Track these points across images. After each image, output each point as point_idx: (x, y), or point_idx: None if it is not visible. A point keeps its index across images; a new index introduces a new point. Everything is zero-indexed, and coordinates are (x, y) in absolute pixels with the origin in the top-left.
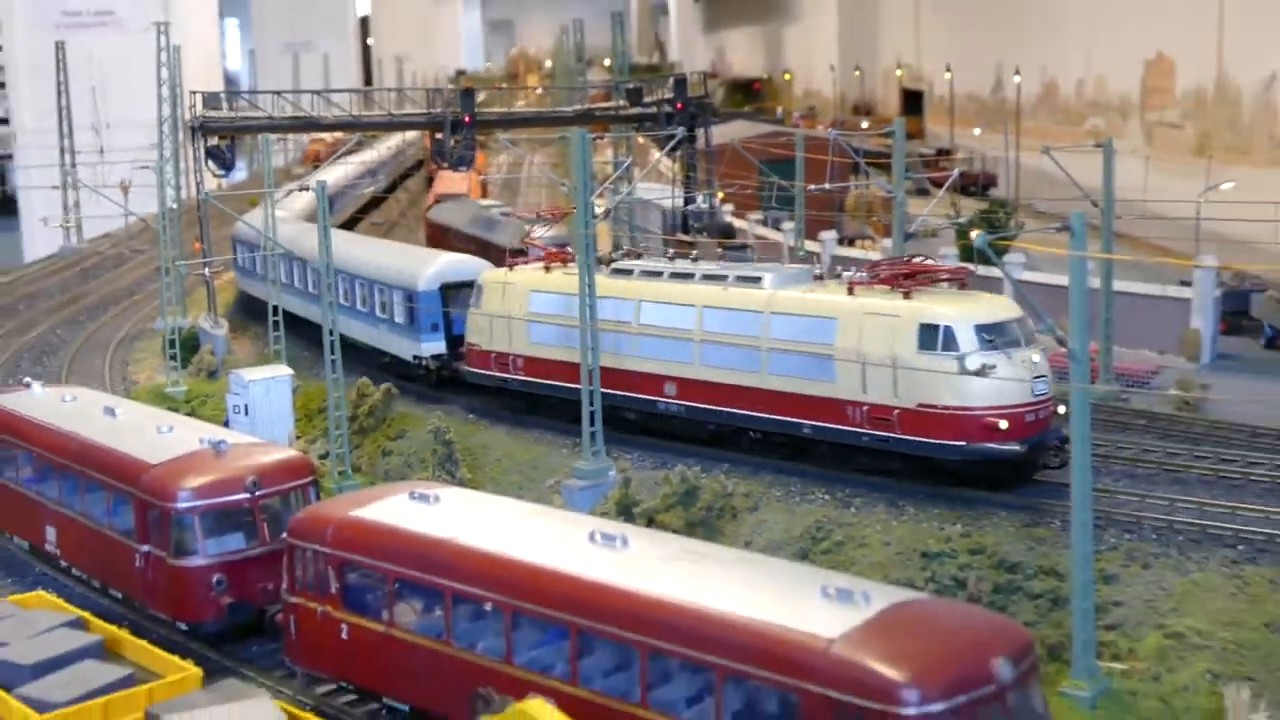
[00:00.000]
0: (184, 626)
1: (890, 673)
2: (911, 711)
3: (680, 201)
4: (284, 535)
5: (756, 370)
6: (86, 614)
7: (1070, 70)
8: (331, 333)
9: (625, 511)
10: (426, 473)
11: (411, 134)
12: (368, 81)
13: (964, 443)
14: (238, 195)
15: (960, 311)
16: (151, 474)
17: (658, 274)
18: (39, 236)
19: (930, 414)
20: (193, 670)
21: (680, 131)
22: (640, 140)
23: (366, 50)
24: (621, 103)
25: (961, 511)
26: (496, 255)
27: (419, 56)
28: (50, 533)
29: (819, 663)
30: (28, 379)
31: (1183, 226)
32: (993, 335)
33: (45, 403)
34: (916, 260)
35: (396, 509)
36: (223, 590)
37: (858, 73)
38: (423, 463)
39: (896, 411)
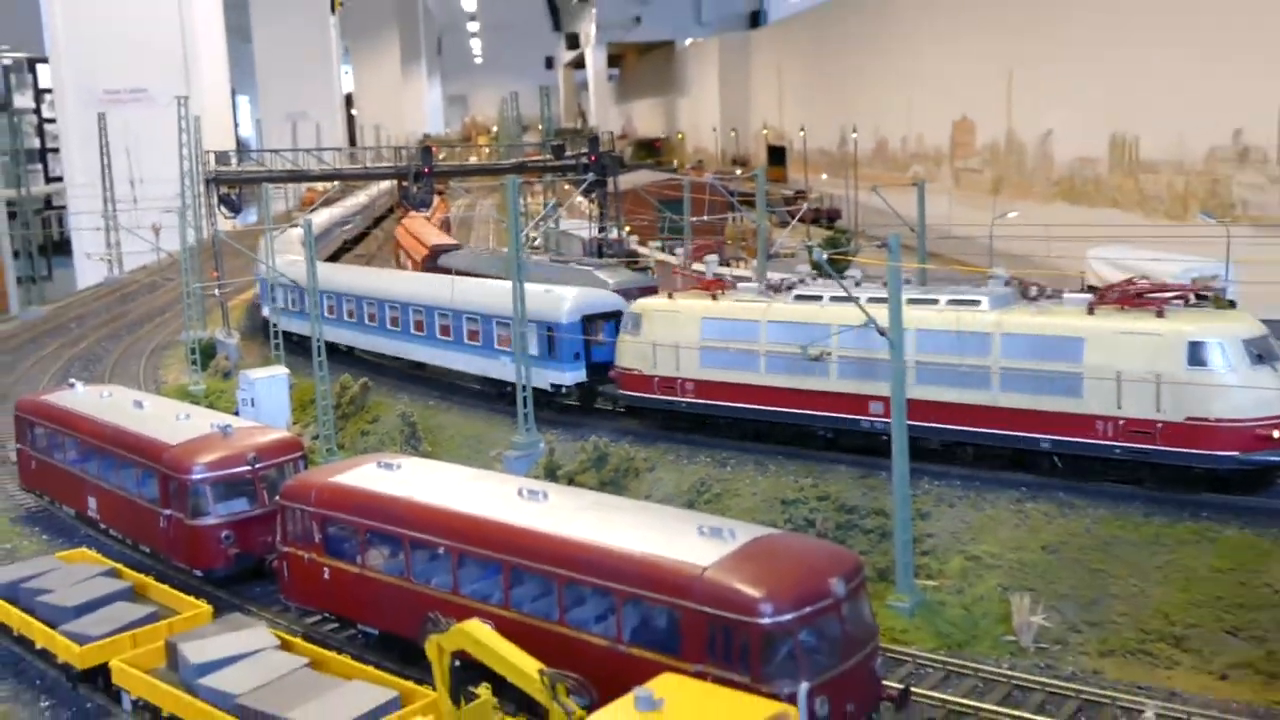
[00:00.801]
0: (199, 573)
1: (750, 591)
2: (766, 621)
3: (596, 232)
4: (278, 498)
5: (985, 389)
6: (120, 565)
7: (896, 129)
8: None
9: (551, 474)
10: (396, 447)
11: (386, 184)
12: (352, 144)
13: (1237, 453)
14: (250, 233)
15: (1225, 328)
16: (171, 452)
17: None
18: (88, 270)
19: (1201, 427)
20: (205, 607)
21: (590, 177)
22: (566, 186)
23: (351, 119)
24: (548, 157)
25: (812, 467)
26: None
27: (392, 124)
28: (91, 502)
29: (695, 585)
30: (72, 380)
31: (979, 245)
32: (1257, 350)
33: (86, 399)
34: (1142, 282)
35: (367, 475)
36: (230, 543)
37: (734, 133)
38: (393, 440)
39: (1160, 425)
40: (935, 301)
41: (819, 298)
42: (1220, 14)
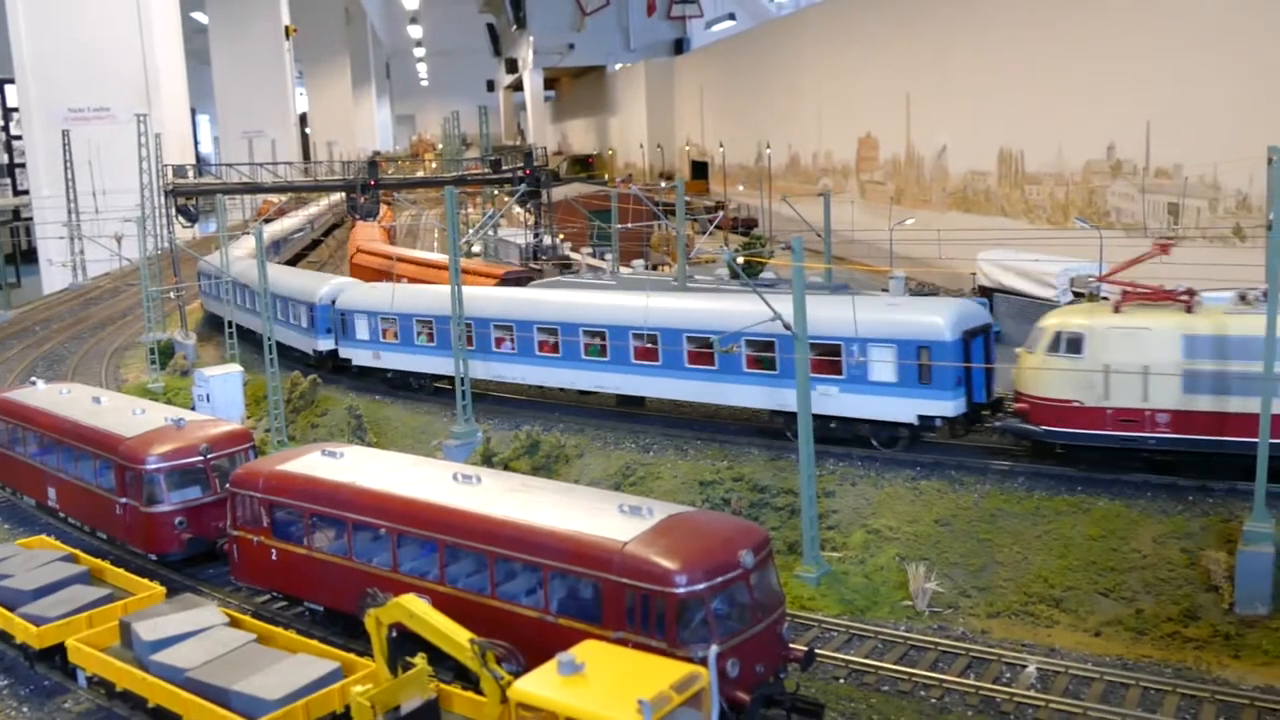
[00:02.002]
0: (154, 557)
1: (666, 563)
2: (680, 591)
3: (531, 239)
4: (228, 485)
5: None
6: (77, 551)
7: (808, 145)
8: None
9: (487, 461)
10: (344, 439)
11: (337, 197)
12: (306, 160)
13: None
14: (208, 241)
15: None
16: (127, 444)
17: None
18: (54, 276)
19: None
20: (158, 589)
21: (524, 187)
22: (505, 198)
23: (305, 137)
24: (487, 170)
25: (728, 451)
26: None
27: (344, 142)
28: (51, 492)
29: (615, 559)
30: (34, 378)
31: (881, 250)
32: None
33: (47, 395)
34: None
35: (312, 463)
36: (183, 529)
37: (660, 149)
38: (341, 432)
39: None
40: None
41: None
42: (1094, 38)
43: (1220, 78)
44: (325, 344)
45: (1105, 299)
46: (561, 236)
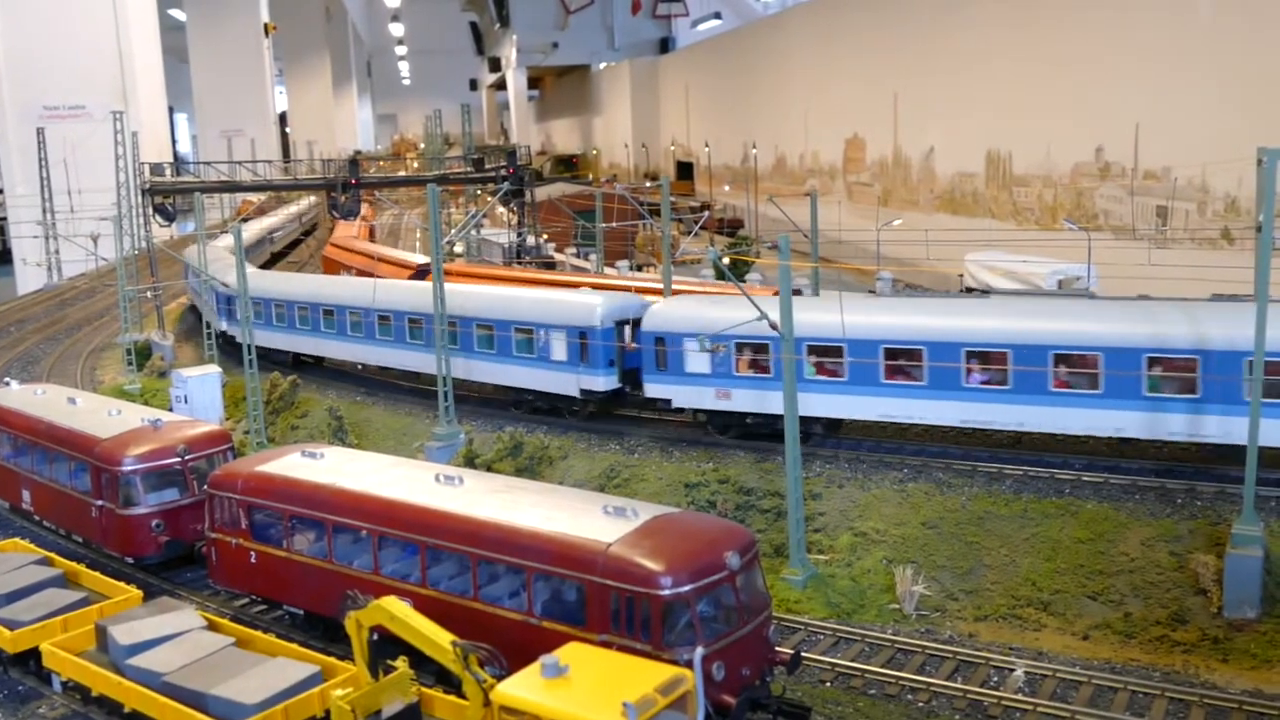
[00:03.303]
0: (131, 560)
1: (651, 565)
2: (666, 593)
3: (514, 239)
4: (206, 487)
5: None
6: (51, 554)
7: (794, 146)
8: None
9: (470, 462)
10: (325, 440)
11: (315, 198)
12: (285, 159)
13: None
14: (187, 240)
15: None
16: (103, 445)
17: None
18: (29, 276)
19: None
20: (135, 592)
21: (506, 186)
22: (488, 198)
23: (285, 136)
24: (469, 169)
25: (713, 453)
26: None
27: (325, 141)
28: (26, 494)
29: (599, 560)
30: (7, 379)
31: (868, 251)
32: None
33: (21, 396)
34: None
35: (291, 464)
36: (160, 531)
37: (645, 149)
38: (322, 434)
39: None
40: None
41: None
42: (1083, 40)
43: (1209, 80)
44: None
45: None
46: (545, 236)
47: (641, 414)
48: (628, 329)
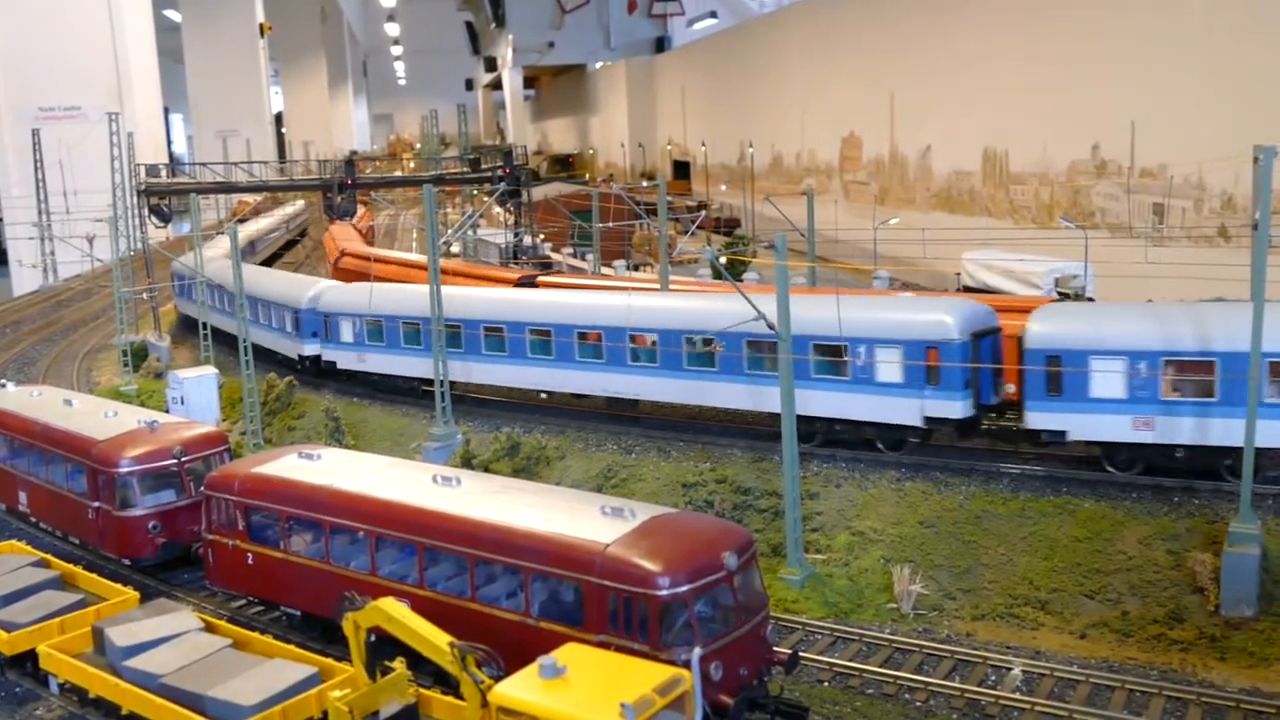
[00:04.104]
0: (128, 562)
1: (648, 565)
2: (664, 593)
3: (511, 239)
4: (203, 488)
5: None
6: (48, 556)
7: (790, 145)
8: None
9: (467, 463)
10: (321, 442)
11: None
12: (281, 160)
13: None
14: (183, 241)
15: None
16: (99, 447)
17: None
18: (25, 277)
19: None
20: (132, 594)
21: (502, 186)
22: (485, 198)
23: (281, 136)
24: (466, 169)
25: (710, 452)
26: None
27: (321, 141)
28: (22, 496)
29: (597, 561)
30: (3, 380)
31: (865, 250)
32: None
33: (17, 398)
34: None
35: (288, 465)
36: (157, 533)
37: (641, 148)
38: (319, 435)
39: None
40: None
41: None
42: (1079, 38)
43: (1205, 78)
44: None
45: (1091, 299)
46: (542, 236)
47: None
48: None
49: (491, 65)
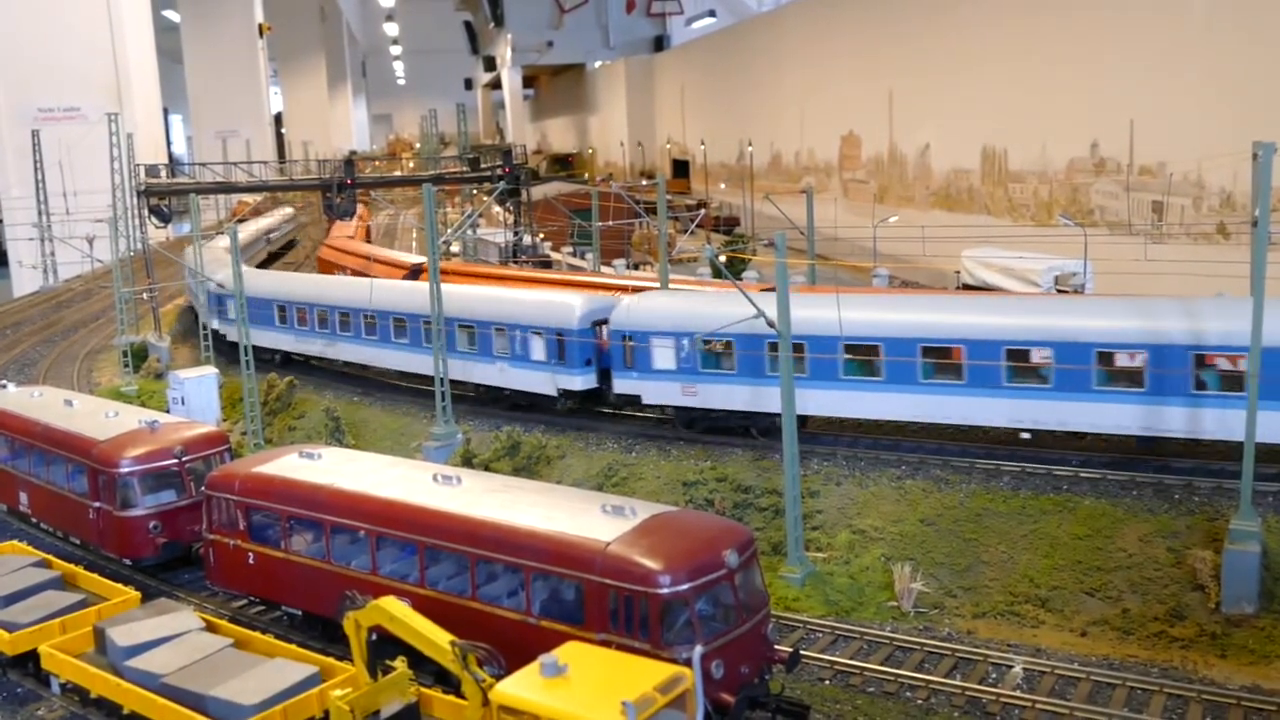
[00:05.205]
0: (129, 562)
1: (649, 564)
2: (664, 591)
3: (511, 238)
4: (203, 488)
5: None
6: (50, 556)
7: (790, 144)
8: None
9: (467, 462)
10: (322, 441)
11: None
12: (281, 160)
13: None
14: (183, 242)
15: None
16: (100, 447)
17: None
18: (25, 278)
19: None
20: (133, 594)
21: (502, 185)
22: (484, 197)
23: (280, 137)
24: (465, 169)
25: (711, 451)
26: None
27: (320, 141)
28: (23, 497)
29: (598, 559)
30: (4, 381)
31: (864, 248)
32: None
33: (17, 398)
34: None
35: (288, 465)
36: (158, 533)
37: (640, 147)
38: (319, 434)
39: None
40: None
41: None
42: (1078, 36)
43: (1204, 75)
44: None
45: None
46: (541, 235)
47: None
48: None
49: (490, 65)
